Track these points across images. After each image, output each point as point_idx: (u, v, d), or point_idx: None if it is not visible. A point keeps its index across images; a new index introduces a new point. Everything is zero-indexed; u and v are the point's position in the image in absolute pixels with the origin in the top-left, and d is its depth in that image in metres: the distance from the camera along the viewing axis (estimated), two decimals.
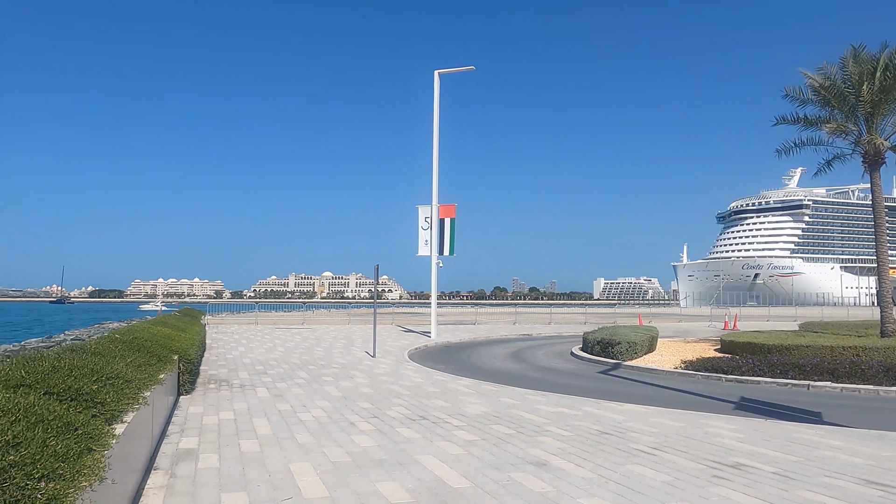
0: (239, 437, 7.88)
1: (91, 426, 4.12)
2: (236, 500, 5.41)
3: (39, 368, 5.06)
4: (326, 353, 19.43)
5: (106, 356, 6.94)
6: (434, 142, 26.54)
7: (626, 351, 17.89)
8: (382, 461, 6.71)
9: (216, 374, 14.18)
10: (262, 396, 11.02)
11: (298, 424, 8.63)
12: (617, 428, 8.53)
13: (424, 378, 13.75)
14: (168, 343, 10.84)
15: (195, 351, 12.50)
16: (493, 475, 6.18)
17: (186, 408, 9.84)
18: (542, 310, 62.58)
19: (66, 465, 3.21)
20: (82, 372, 5.33)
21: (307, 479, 6.00)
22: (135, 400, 5.59)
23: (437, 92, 26.78)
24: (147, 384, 6.58)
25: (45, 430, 3.53)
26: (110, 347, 7.96)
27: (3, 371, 4.87)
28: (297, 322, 38.58)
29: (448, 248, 26.41)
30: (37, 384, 4.68)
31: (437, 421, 8.93)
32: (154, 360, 8.42)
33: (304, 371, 14.72)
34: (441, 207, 26.46)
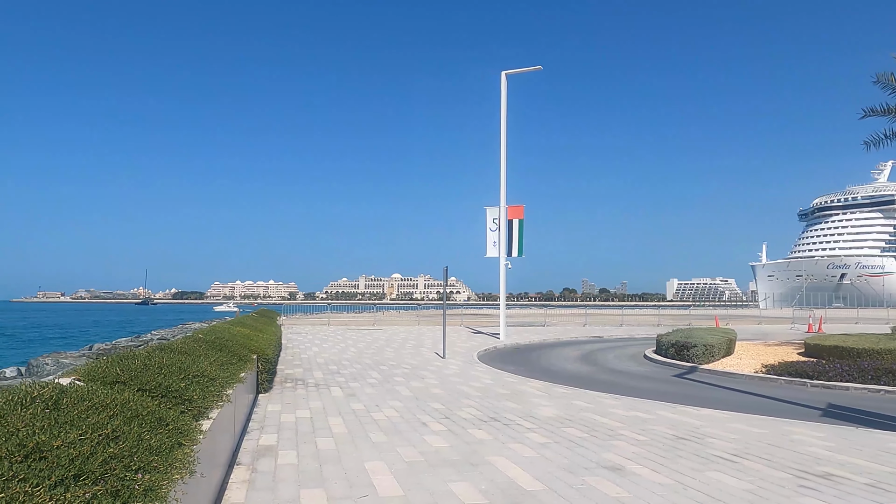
0: (315, 434, 8.09)
1: (180, 422, 4.34)
2: (314, 496, 5.56)
3: (132, 366, 5.37)
4: (397, 353, 19.70)
5: (191, 355, 7.27)
6: (501, 143, 26.49)
7: (702, 354, 17.33)
8: (455, 462, 6.75)
9: (292, 373, 14.61)
10: (336, 395, 11.28)
11: (372, 424, 8.79)
12: (694, 433, 8.28)
13: (494, 379, 13.74)
14: (247, 343, 11.25)
15: (273, 351, 12.92)
16: (567, 479, 6.12)
17: (265, 405, 10.18)
18: (612, 311, 61.43)
19: (159, 459, 3.39)
20: (171, 370, 5.61)
21: (382, 478, 6.10)
22: (219, 397, 5.83)
23: (504, 93, 26.71)
24: (229, 382, 6.85)
25: (139, 425, 3.74)
26: (195, 347, 8.34)
27: (100, 369, 5.18)
28: (367, 323, 39.28)
29: (516, 250, 26.29)
30: (130, 381, 4.96)
31: (508, 423, 8.91)
32: (235, 360, 8.76)
33: (375, 371, 14.97)
34: (509, 208, 26.37)
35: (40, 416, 3.31)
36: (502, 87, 26.72)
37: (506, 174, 26.35)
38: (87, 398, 3.89)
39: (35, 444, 2.83)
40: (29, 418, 3.23)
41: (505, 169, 26.35)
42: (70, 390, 4.00)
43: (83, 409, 3.65)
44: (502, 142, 26.48)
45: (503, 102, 26.66)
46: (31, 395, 3.64)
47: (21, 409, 3.39)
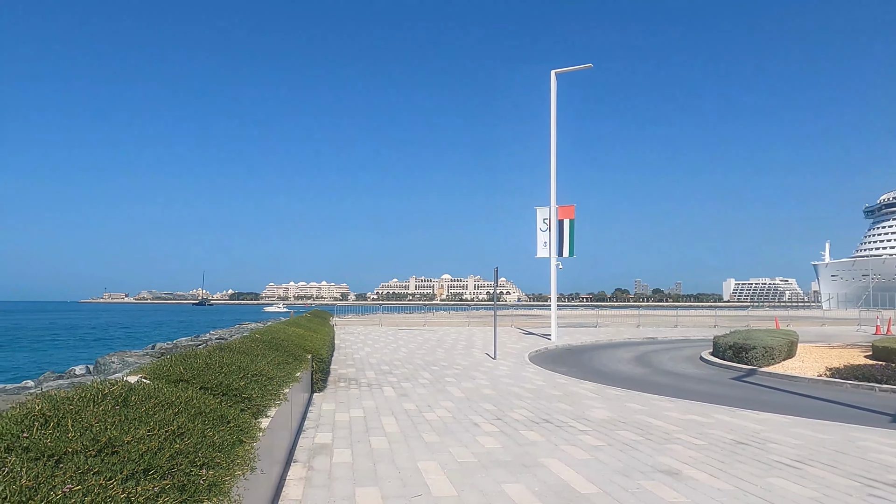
0: (369, 434, 8.20)
1: (240, 419, 4.47)
2: (369, 494, 5.64)
3: (195, 365, 5.55)
4: (448, 354, 19.77)
5: (249, 355, 7.47)
6: (551, 142, 26.27)
7: (761, 356, 16.80)
8: (507, 463, 6.74)
9: (345, 373, 14.83)
10: (388, 395, 11.40)
11: (424, 424, 8.85)
12: (754, 438, 8.05)
13: (546, 381, 13.64)
14: (302, 343, 11.48)
15: (326, 351, 13.14)
16: (622, 482, 6.03)
17: (320, 405, 10.37)
18: (667, 312, 60.13)
19: (222, 455, 3.50)
20: (231, 369, 5.78)
21: (435, 478, 6.14)
22: (276, 396, 5.98)
23: (554, 92, 26.48)
24: (286, 381, 7.01)
25: (203, 422, 3.87)
26: (252, 347, 8.56)
27: (165, 367, 5.38)
28: (418, 324, 39.53)
29: (567, 250, 26.04)
30: (193, 380, 5.14)
31: (560, 424, 8.84)
32: (291, 359, 8.96)
33: (427, 371, 15.06)
34: (560, 209, 26.14)
35: (111, 413, 3.46)
36: (552, 86, 26.51)
37: (556, 174, 26.13)
38: (153, 396, 4.05)
39: (107, 439, 2.97)
40: (101, 414, 3.38)
41: (555, 169, 26.13)
42: (138, 388, 4.17)
43: (150, 407, 3.80)
44: (552, 141, 26.27)
45: (553, 101, 26.44)
46: (102, 393, 3.81)
47: (93, 405, 3.55)
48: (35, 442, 2.79)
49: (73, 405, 3.45)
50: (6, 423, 2.96)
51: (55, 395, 3.62)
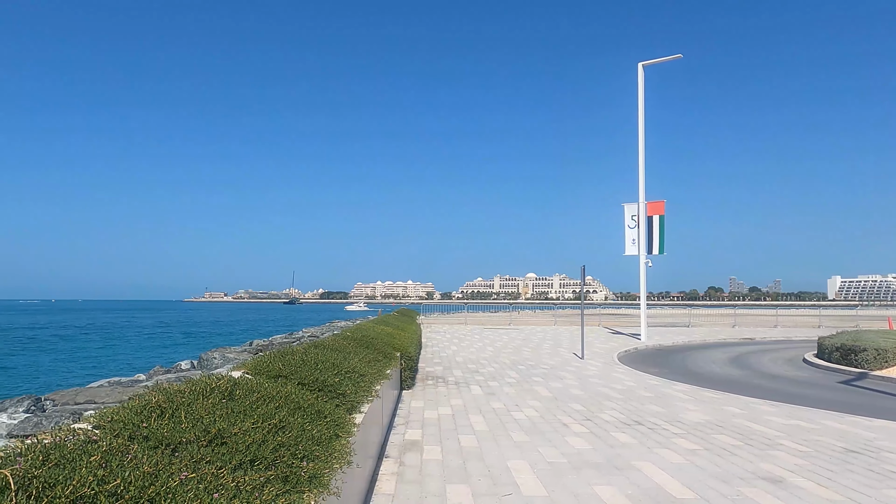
0: (458, 431, 8.27)
1: (336, 415, 4.61)
2: (460, 491, 5.69)
3: (292, 362, 5.78)
4: (534, 353, 19.62)
5: (342, 352, 7.71)
6: (639, 137, 25.56)
7: (873, 359, 15.69)
8: (598, 464, 6.62)
9: (432, 371, 15.01)
10: (475, 394, 11.45)
11: (512, 423, 8.83)
12: (867, 446, 7.54)
13: (636, 382, 13.30)
14: (391, 341, 11.71)
15: (414, 349, 13.36)
16: (721, 488, 5.80)
17: (409, 402, 10.55)
18: (765, 311, 57.25)
19: (320, 448, 3.63)
20: (325, 366, 5.98)
21: (525, 477, 6.12)
22: (368, 393, 6.13)
23: (642, 85, 25.75)
24: (377, 378, 7.18)
25: (302, 417, 4.03)
26: (344, 344, 8.82)
27: (265, 363, 5.64)
28: (503, 323, 39.45)
29: (657, 247, 25.26)
30: (291, 375, 5.35)
31: (653, 427, 8.59)
32: (381, 357, 9.16)
33: (513, 371, 15.02)
34: (649, 204, 25.39)
35: (218, 406, 3.67)
36: (639, 79, 25.79)
37: (644, 168, 25.41)
38: (256, 390, 4.25)
39: (217, 430, 3.14)
40: (210, 407, 3.59)
41: (643, 163, 25.41)
42: (242, 383, 4.40)
43: (253, 401, 4.00)
44: (640, 136, 25.55)
45: (640, 95, 25.72)
46: (210, 387, 4.04)
47: (203, 398, 3.77)
48: (153, 431, 2.99)
49: (185, 398, 3.68)
50: (127, 414, 3.19)
51: (169, 388, 3.87)
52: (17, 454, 2.30)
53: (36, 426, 6.68)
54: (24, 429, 6.60)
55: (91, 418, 3.14)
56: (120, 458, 2.50)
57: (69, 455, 2.37)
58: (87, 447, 2.53)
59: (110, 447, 2.58)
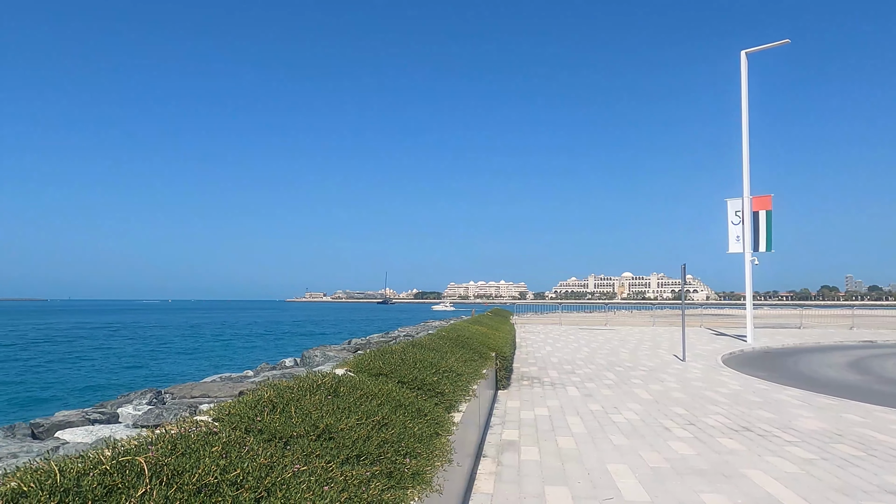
0: (555, 433, 8.18)
1: (435, 413, 4.68)
2: (559, 493, 5.63)
3: (391, 360, 5.92)
4: (632, 354, 19.10)
5: (438, 351, 7.81)
6: (743, 128, 24.30)
7: None
8: (704, 471, 6.36)
9: (527, 371, 14.92)
10: (572, 395, 11.28)
11: (611, 425, 8.64)
12: None
13: (743, 385, 12.66)
14: (486, 341, 11.75)
15: (509, 349, 13.33)
16: (842, 501, 5.43)
17: (504, 402, 10.54)
18: (888, 312, 53.02)
19: (422, 446, 3.70)
20: (423, 365, 6.09)
21: (626, 482, 5.98)
22: (466, 392, 6.19)
23: (745, 73, 24.48)
24: (474, 378, 7.23)
25: (403, 414, 4.12)
26: (440, 344, 8.93)
27: (366, 361, 5.80)
28: (599, 323, 38.64)
29: (764, 244, 23.94)
30: (391, 374, 5.48)
31: (763, 434, 8.16)
32: (476, 357, 9.21)
33: (611, 372, 14.68)
34: (754, 199, 24.11)
35: (325, 402, 3.81)
36: (742, 68, 24.53)
37: (749, 161, 24.13)
38: (358, 388, 4.39)
39: (325, 425, 3.27)
40: (316, 403, 3.74)
41: (748, 156, 24.15)
42: (345, 380, 4.55)
43: (357, 398, 4.13)
44: (744, 127, 24.30)
45: (744, 84, 24.46)
46: (316, 384, 4.21)
47: (310, 394, 3.93)
48: (267, 425, 3.15)
49: (294, 394, 3.85)
50: (243, 408, 3.37)
51: (279, 384, 4.06)
52: (149, 443, 2.49)
53: (158, 417, 7.17)
54: (148, 419, 7.10)
55: (210, 411, 3.35)
56: (238, 449, 2.65)
57: (193, 445, 2.54)
58: (209, 438, 2.70)
59: (229, 439, 2.74)
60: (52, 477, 1.95)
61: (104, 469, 2.12)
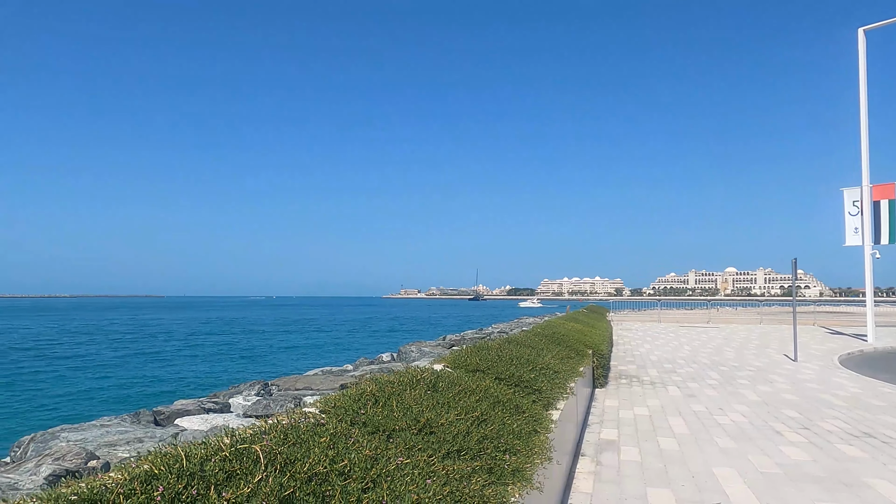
0: (656, 433, 7.94)
1: (533, 410, 4.66)
2: (661, 496, 5.46)
3: (488, 357, 5.94)
4: (737, 354, 18.21)
5: (534, 348, 7.76)
6: (861, 112, 22.56)
7: None
8: (820, 479, 5.98)
9: (625, 369, 14.55)
10: (673, 395, 10.90)
11: (716, 427, 8.28)
12: None
13: (863, 388, 11.78)
14: (582, 338, 11.56)
15: (606, 346, 13.06)
16: None
17: (602, 400, 10.33)
18: None
19: (521, 443, 3.69)
20: (520, 361, 6.07)
21: (734, 486, 5.71)
22: (563, 390, 6.11)
23: (863, 52, 22.70)
24: (571, 375, 7.13)
25: (502, 411, 4.13)
26: (535, 341, 8.88)
27: (462, 357, 5.85)
28: (701, 320, 37.08)
29: (886, 236, 22.15)
30: (488, 370, 5.50)
31: (888, 440, 7.56)
32: (573, 354, 9.08)
33: (714, 372, 14.06)
34: (874, 188, 22.35)
35: (424, 397, 3.88)
36: (860, 46, 22.76)
37: (868, 147, 22.39)
38: (457, 383, 4.43)
39: (426, 420, 3.33)
40: (416, 397, 3.81)
41: (867, 141, 22.39)
42: (443, 375, 4.60)
43: (455, 393, 4.17)
44: (862, 110, 22.55)
45: (861, 64, 22.69)
46: (415, 379, 4.29)
47: (410, 389, 4.01)
48: (370, 418, 3.24)
49: (395, 388, 3.94)
50: (347, 401, 3.49)
51: (380, 378, 4.17)
52: (263, 432, 2.63)
53: (265, 408, 7.53)
54: (256, 409, 7.47)
55: (317, 403, 3.49)
56: (344, 441, 2.75)
57: (303, 436, 2.66)
58: (317, 429, 2.82)
59: (336, 431, 2.84)
60: (179, 461, 2.10)
61: (224, 455, 2.26)
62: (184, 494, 1.94)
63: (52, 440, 5.47)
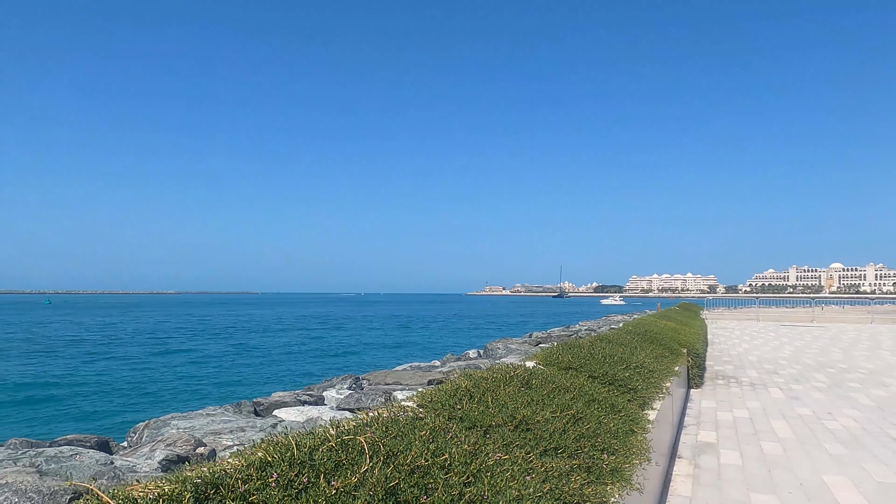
0: (758, 437, 7.57)
1: (629, 409, 4.55)
2: (766, 502, 5.20)
3: (580, 354, 5.85)
4: (846, 354, 17.09)
5: (626, 346, 7.58)
6: None
7: None
8: None
9: (722, 370, 13.96)
10: (775, 397, 10.35)
11: (825, 433, 7.80)
12: None
13: None
14: (675, 336, 11.19)
15: (701, 345, 12.58)
16: None
17: (698, 401, 9.96)
18: None
19: (618, 442, 3.61)
20: (613, 360, 5.94)
21: (847, 495, 5.37)
22: (659, 389, 5.94)
23: None
24: (666, 375, 6.91)
25: (597, 409, 4.05)
26: (627, 338, 8.67)
27: (554, 355, 5.79)
28: (803, 319, 35.05)
29: None
30: (580, 368, 5.42)
31: None
32: (667, 353, 8.81)
33: (820, 374, 13.25)
34: None
35: (518, 394, 3.86)
36: None
37: None
38: (550, 381, 4.39)
39: (522, 416, 3.32)
40: (511, 394, 3.80)
41: None
42: (536, 373, 4.58)
43: (549, 391, 4.13)
44: None
45: None
46: (508, 375, 4.28)
47: (503, 385, 4.01)
48: (466, 414, 3.26)
49: (488, 384, 3.95)
50: (443, 396, 3.53)
51: (473, 374, 4.19)
52: (364, 424, 2.70)
53: (357, 401, 7.72)
54: (349, 403, 7.66)
55: (414, 398, 3.54)
56: (443, 435, 2.78)
57: (403, 429, 2.71)
58: (416, 423, 2.86)
59: (434, 425, 2.88)
60: (290, 450, 2.18)
61: (330, 446, 2.33)
62: (296, 482, 2.02)
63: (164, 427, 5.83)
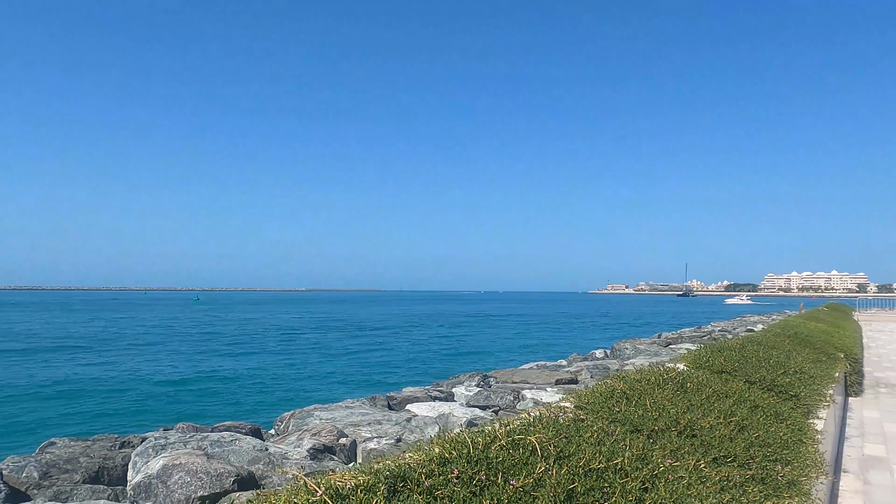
0: None
1: (794, 418, 4.24)
2: None
3: (731, 357, 5.54)
4: None
5: (779, 349, 7.09)
6: None
7: None
8: None
9: (883, 377, 12.71)
10: None
11: None
12: None
13: None
14: (829, 340, 10.34)
15: (859, 349, 11.55)
16: None
17: (859, 411, 9.13)
18: None
19: (790, 453, 3.37)
20: (769, 364, 5.57)
21: None
22: (822, 397, 5.49)
23: None
24: (826, 381, 6.39)
25: (762, 417, 3.81)
26: (777, 341, 8.11)
27: (703, 357, 5.52)
28: None
29: None
30: (734, 372, 5.12)
31: None
32: (822, 357, 8.15)
33: None
34: None
35: (675, 398, 3.71)
36: None
37: None
38: (706, 385, 4.18)
39: (686, 422, 3.18)
40: (668, 397, 3.65)
41: None
42: (690, 376, 4.37)
43: (707, 395, 3.93)
44: None
45: None
46: (662, 378, 4.12)
47: (658, 388, 3.87)
48: (626, 417, 3.17)
49: (642, 387, 3.82)
50: (598, 398, 3.45)
51: (626, 376, 4.08)
52: (529, 424, 2.69)
53: (486, 399, 7.76)
54: (478, 400, 7.73)
55: (570, 398, 3.50)
56: (608, 438, 2.71)
57: (568, 430, 2.67)
58: (579, 425, 2.81)
59: (598, 427, 2.82)
60: (466, 447, 2.22)
61: (500, 444, 2.34)
62: (475, 479, 2.04)
63: (308, 417, 6.16)
